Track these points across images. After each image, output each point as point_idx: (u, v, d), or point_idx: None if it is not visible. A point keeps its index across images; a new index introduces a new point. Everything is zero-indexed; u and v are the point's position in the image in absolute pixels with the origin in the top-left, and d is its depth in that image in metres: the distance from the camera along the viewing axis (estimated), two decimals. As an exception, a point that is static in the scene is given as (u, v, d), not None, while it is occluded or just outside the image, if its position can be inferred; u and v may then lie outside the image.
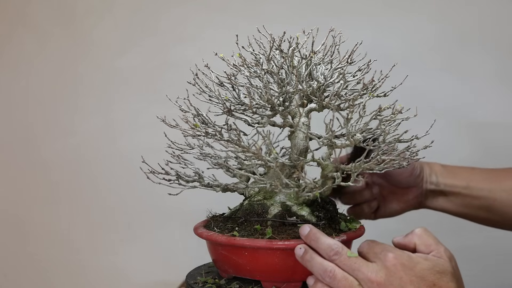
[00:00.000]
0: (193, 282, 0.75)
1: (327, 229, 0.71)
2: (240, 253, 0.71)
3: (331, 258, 0.65)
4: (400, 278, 0.61)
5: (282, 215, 0.73)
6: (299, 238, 0.69)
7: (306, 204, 0.74)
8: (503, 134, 1.28)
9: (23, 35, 1.47)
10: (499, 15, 1.28)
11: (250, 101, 0.70)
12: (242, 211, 0.76)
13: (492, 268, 1.26)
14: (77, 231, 1.48)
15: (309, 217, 0.73)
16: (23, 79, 1.48)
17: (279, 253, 0.69)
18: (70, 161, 1.47)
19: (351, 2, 1.33)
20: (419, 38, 1.31)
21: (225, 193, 0.79)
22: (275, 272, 0.71)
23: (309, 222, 0.72)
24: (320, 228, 0.70)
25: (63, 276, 1.49)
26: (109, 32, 1.44)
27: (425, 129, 0.73)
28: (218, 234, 0.73)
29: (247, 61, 0.75)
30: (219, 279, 0.75)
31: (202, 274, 0.78)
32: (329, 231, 0.71)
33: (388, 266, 0.62)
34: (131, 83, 1.44)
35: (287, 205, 0.74)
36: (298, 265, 0.68)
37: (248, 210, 0.75)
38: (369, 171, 0.70)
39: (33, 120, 1.48)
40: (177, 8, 1.41)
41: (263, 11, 1.37)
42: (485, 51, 1.28)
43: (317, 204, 0.74)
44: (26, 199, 1.50)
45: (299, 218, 0.72)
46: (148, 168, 0.73)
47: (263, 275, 0.72)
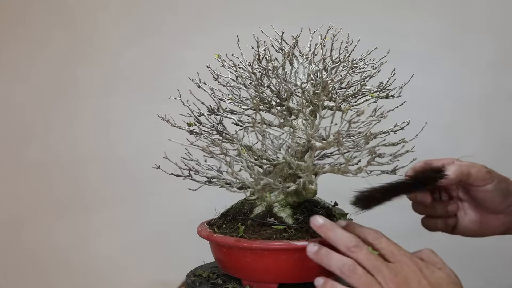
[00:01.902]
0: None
1: (301, 233, 0.70)
2: (220, 249, 0.73)
3: (350, 250, 0.63)
4: (419, 282, 0.61)
5: (263, 215, 0.73)
6: (271, 239, 0.69)
7: (292, 205, 0.74)
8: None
9: (23, 36, 1.47)
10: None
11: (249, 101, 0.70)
12: (233, 209, 0.77)
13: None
14: (77, 231, 1.48)
15: (287, 219, 0.72)
16: (23, 79, 1.48)
17: (249, 252, 0.70)
18: (70, 161, 1.47)
19: (352, 1, 1.33)
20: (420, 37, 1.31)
21: (232, 192, 0.79)
22: (249, 271, 0.72)
23: (284, 224, 0.71)
24: (292, 232, 0.70)
25: (63, 276, 1.49)
26: (109, 32, 1.44)
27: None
28: (204, 229, 0.75)
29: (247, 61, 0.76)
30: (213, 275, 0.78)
31: (202, 274, 0.79)
32: (302, 235, 0.69)
33: (407, 270, 0.62)
34: (131, 83, 1.44)
35: (271, 206, 0.74)
36: (270, 266, 0.69)
37: (238, 209, 0.76)
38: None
39: (33, 120, 1.48)
40: (177, 8, 1.41)
41: (263, 10, 1.37)
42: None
43: (304, 207, 0.73)
44: (26, 199, 1.49)
45: (277, 220, 0.72)
46: (175, 163, 0.73)
47: (240, 274, 0.74)
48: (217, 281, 0.77)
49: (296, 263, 0.69)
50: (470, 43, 1.29)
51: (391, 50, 0.80)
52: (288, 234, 0.70)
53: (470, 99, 1.30)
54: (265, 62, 0.75)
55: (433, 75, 1.30)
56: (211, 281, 0.77)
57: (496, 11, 1.29)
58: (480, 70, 1.29)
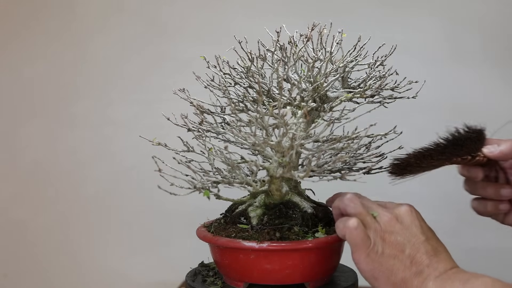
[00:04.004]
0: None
1: (258, 234, 0.69)
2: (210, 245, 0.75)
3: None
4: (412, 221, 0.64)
5: (240, 214, 0.74)
6: (233, 238, 0.70)
7: (267, 206, 0.73)
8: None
9: (24, 36, 1.47)
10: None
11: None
12: (228, 207, 0.79)
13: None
14: (77, 232, 1.48)
15: (253, 220, 0.72)
16: (23, 79, 1.48)
17: (216, 249, 0.73)
18: (70, 161, 1.47)
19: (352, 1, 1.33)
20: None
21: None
22: (220, 267, 0.75)
23: (248, 224, 0.72)
24: (252, 231, 0.70)
25: (63, 276, 1.49)
26: (109, 32, 1.44)
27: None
28: (201, 227, 0.78)
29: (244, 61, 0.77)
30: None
31: (202, 274, 0.79)
32: (261, 237, 0.69)
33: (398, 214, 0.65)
34: (131, 83, 1.44)
35: (248, 205, 0.75)
36: (232, 264, 0.71)
37: (231, 208, 0.78)
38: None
39: (33, 120, 1.48)
40: (177, 8, 1.41)
41: (263, 9, 1.37)
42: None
43: (277, 209, 0.72)
44: (26, 199, 1.49)
45: (247, 219, 0.73)
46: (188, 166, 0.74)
47: (220, 270, 0.76)
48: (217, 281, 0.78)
49: (253, 263, 0.69)
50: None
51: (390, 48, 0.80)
52: (246, 234, 0.70)
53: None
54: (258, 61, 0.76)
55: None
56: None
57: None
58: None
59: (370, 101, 0.76)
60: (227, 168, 0.71)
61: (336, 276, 0.78)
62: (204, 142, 0.72)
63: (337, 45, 0.76)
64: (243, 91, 0.77)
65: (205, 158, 0.74)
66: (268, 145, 0.67)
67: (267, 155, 0.71)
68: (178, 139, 0.78)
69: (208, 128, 0.75)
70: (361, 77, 0.78)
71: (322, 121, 0.70)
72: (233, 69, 0.78)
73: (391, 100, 0.78)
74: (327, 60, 0.73)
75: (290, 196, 0.74)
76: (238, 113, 0.73)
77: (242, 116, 0.74)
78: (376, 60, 0.76)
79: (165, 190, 0.67)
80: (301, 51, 0.74)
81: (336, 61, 0.75)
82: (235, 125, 0.70)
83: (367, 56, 0.77)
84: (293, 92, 0.74)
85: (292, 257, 0.69)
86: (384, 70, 0.77)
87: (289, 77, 0.75)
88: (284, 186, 0.73)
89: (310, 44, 0.76)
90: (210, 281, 0.76)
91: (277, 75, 0.73)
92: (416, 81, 0.78)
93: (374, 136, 0.76)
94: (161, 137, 0.76)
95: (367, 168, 0.71)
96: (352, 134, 0.69)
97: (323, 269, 0.72)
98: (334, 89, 0.76)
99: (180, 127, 0.77)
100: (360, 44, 0.76)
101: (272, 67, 0.76)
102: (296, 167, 0.71)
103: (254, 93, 0.77)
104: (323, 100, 0.74)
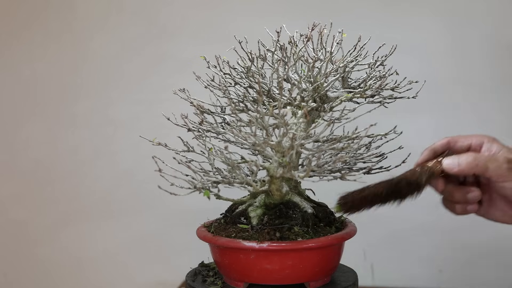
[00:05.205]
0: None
1: (258, 234, 0.69)
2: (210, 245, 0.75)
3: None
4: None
5: (241, 214, 0.74)
6: (233, 238, 0.70)
7: (267, 206, 0.73)
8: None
9: (24, 36, 1.47)
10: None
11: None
12: (228, 207, 0.79)
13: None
14: (77, 231, 1.48)
15: (253, 220, 0.72)
16: (23, 79, 1.48)
17: (216, 249, 0.73)
18: (70, 161, 1.47)
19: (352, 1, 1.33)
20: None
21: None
22: (220, 267, 0.75)
23: (248, 224, 0.72)
24: (253, 231, 0.70)
25: (63, 276, 1.49)
26: (109, 32, 1.44)
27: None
28: (201, 227, 0.78)
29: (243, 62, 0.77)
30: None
31: (202, 274, 0.79)
32: (261, 237, 0.68)
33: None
34: (131, 83, 1.44)
35: (248, 205, 0.74)
36: (232, 263, 0.70)
37: (231, 208, 0.78)
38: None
39: (33, 120, 1.48)
40: (177, 9, 1.41)
41: (263, 9, 1.37)
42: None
43: (278, 209, 0.72)
44: (26, 199, 1.50)
45: (247, 219, 0.73)
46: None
47: (220, 270, 0.76)
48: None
49: (253, 263, 0.69)
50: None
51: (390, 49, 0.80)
52: (246, 234, 0.70)
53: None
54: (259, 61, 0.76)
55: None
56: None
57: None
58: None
59: (370, 101, 0.76)
60: (227, 168, 0.72)
61: (336, 276, 0.77)
62: (204, 142, 0.72)
63: (337, 45, 0.76)
64: (243, 91, 0.77)
65: (205, 158, 0.74)
66: (268, 145, 0.68)
67: (267, 155, 0.71)
68: (178, 139, 0.78)
69: (208, 128, 0.75)
70: (361, 77, 0.78)
71: (322, 121, 0.70)
72: (233, 69, 0.79)
73: (391, 100, 0.77)
74: (327, 60, 0.73)
75: (290, 196, 0.74)
76: (238, 113, 0.74)
77: (242, 116, 0.74)
78: (376, 60, 0.76)
79: (165, 190, 0.67)
80: (301, 51, 0.74)
81: (336, 61, 0.75)
82: (235, 125, 0.70)
83: (367, 56, 0.77)
84: (293, 92, 0.74)
85: (292, 257, 0.69)
86: (384, 70, 0.77)
87: (289, 77, 0.75)
88: (284, 186, 0.73)
89: (310, 44, 0.76)
90: (210, 281, 0.76)
91: (277, 75, 0.73)
92: (416, 81, 0.78)
93: (374, 136, 0.76)
94: (161, 137, 0.76)
95: (367, 168, 0.71)
96: (352, 134, 0.69)
97: (323, 269, 0.72)
98: (334, 89, 0.76)
99: (180, 127, 0.77)
100: (360, 44, 0.76)
101: (272, 67, 0.76)
102: (296, 167, 0.71)
103: (254, 93, 0.77)
104: (323, 100, 0.74)
